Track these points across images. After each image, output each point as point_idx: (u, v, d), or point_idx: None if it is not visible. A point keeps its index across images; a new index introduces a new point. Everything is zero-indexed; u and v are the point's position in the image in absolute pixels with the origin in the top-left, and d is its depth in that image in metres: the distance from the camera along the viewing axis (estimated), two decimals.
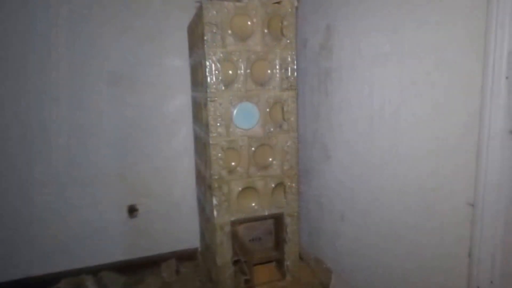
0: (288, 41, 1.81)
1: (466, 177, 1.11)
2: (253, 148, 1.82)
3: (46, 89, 2.19)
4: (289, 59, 1.82)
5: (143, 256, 2.59)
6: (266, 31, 1.76)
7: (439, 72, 1.22)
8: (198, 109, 2.05)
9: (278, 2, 1.80)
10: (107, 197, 2.44)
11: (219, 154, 1.76)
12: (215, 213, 1.80)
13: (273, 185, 1.88)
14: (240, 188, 1.83)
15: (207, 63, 1.69)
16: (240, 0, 1.79)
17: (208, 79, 1.69)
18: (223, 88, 1.72)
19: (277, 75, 1.81)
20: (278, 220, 1.93)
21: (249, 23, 1.73)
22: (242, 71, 1.74)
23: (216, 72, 1.70)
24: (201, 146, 2.06)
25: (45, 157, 2.24)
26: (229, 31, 1.70)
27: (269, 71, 1.80)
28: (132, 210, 2.55)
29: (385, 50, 1.51)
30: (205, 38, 1.67)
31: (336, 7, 1.86)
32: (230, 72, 1.73)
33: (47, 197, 2.28)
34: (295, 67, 1.83)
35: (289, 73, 1.83)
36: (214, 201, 1.79)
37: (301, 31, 2.19)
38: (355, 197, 1.80)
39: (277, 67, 1.80)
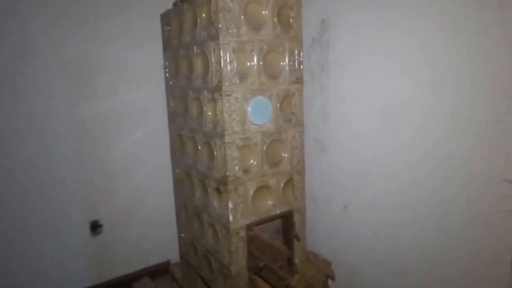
0: (295, 32, 1.75)
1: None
2: (264, 148, 1.72)
3: None
4: (296, 51, 1.76)
5: (111, 278, 2.25)
6: (276, 20, 1.67)
7: (458, 62, 1.32)
8: (193, 105, 1.83)
9: None
10: (64, 213, 2.04)
11: (234, 154, 1.62)
12: (230, 218, 1.65)
13: (283, 182, 1.81)
14: (254, 188, 1.71)
15: (221, 54, 1.52)
16: None
17: (224, 72, 1.53)
18: (238, 81, 1.58)
19: (287, 67, 1.74)
20: (287, 218, 1.86)
21: (263, 12, 1.62)
22: (255, 63, 1.62)
23: (231, 63, 1.55)
24: (197, 147, 1.85)
25: None
26: (242, 17, 1.56)
27: (281, 63, 1.71)
28: (95, 227, 2.18)
29: (387, 44, 1.57)
30: (220, 26, 1.50)
31: (332, 0, 1.87)
32: (248, 64, 1.60)
33: None
34: (301, 59, 1.79)
35: (297, 66, 1.78)
36: (230, 205, 1.64)
37: None
38: (358, 189, 1.84)
39: (286, 59, 1.74)
